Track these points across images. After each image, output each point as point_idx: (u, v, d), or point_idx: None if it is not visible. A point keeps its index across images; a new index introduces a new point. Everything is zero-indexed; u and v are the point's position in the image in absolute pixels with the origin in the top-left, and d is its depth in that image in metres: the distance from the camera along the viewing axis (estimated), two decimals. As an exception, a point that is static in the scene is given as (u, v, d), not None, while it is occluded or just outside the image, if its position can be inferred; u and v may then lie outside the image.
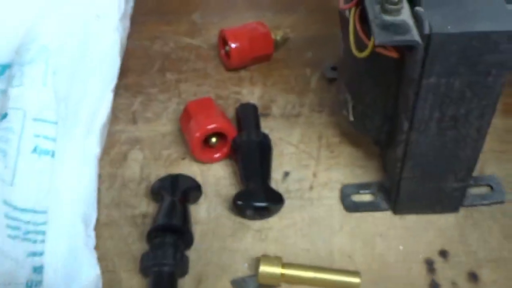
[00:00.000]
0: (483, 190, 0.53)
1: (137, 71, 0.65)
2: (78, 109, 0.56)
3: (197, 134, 0.54)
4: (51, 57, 0.58)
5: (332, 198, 0.53)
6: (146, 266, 0.47)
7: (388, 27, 0.40)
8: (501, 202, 0.51)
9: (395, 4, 0.41)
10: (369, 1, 0.42)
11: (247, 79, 0.64)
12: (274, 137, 0.57)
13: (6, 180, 0.51)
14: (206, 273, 0.49)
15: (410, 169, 0.47)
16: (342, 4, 0.47)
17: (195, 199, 0.53)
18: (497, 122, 0.56)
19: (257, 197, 0.51)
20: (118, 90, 0.63)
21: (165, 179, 0.53)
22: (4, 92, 0.58)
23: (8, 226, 0.49)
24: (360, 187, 0.53)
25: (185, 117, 0.57)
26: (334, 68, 0.63)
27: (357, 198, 0.53)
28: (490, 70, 0.40)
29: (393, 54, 0.43)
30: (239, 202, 0.51)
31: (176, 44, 0.68)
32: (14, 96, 0.57)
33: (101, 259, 0.49)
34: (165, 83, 0.64)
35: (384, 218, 0.52)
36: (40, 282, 0.47)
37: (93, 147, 0.54)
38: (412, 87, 0.42)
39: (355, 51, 0.46)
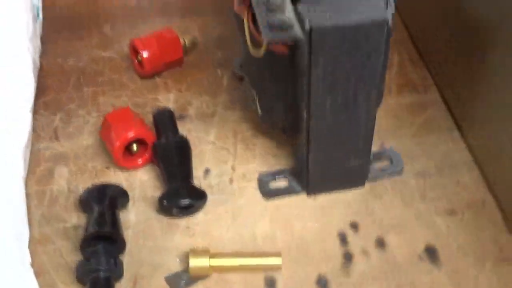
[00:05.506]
0: (384, 164, 0.58)
1: (55, 88, 0.67)
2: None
3: (118, 144, 0.57)
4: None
5: (251, 188, 0.57)
6: (82, 274, 0.50)
7: (273, 26, 0.44)
8: (400, 173, 0.56)
9: (278, 3, 0.44)
10: (256, 2, 0.46)
11: (162, 85, 0.67)
12: (192, 137, 0.61)
13: None
14: (141, 273, 0.52)
15: (315, 153, 0.51)
16: (236, 6, 0.51)
17: (123, 205, 0.56)
18: (392, 101, 0.62)
19: (180, 195, 0.55)
20: (38, 109, 0.65)
21: (92, 189, 0.56)
22: None
23: None
24: (275, 174, 0.57)
25: (105, 128, 0.59)
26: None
27: (273, 185, 0.57)
28: (368, 56, 0.44)
29: (284, 50, 0.47)
30: (164, 202, 0.54)
31: (89, 58, 0.70)
32: None
33: (38, 274, 0.51)
34: (82, 97, 0.66)
35: (299, 200, 0.56)
36: (-21, 304, 0.49)
37: (19, 170, 0.56)
38: (304, 78, 0.46)
39: (252, 51, 0.49)
